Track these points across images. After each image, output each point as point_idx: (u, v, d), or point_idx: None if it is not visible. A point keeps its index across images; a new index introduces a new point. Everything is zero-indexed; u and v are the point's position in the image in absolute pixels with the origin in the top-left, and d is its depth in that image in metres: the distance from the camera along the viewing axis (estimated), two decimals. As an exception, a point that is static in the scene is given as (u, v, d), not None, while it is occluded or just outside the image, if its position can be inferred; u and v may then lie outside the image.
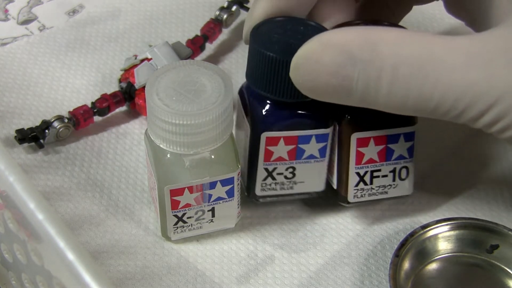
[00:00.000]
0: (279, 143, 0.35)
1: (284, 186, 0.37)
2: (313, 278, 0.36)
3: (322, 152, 0.36)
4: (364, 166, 0.37)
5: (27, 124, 0.42)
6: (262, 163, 0.36)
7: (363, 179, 0.37)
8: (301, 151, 0.36)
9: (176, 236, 0.37)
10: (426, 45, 0.29)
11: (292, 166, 0.36)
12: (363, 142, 0.36)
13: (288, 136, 0.35)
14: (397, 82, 0.29)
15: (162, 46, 0.43)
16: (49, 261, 0.28)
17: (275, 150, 0.36)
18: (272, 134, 0.35)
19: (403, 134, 0.36)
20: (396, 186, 0.38)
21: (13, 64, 0.46)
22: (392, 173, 0.37)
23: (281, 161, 0.36)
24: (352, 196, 0.37)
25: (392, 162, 0.37)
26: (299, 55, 0.31)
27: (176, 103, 0.33)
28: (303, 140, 0.36)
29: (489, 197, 0.40)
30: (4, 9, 0.50)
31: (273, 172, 0.37)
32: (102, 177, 0.40)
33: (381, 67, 0.29)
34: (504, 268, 0.36)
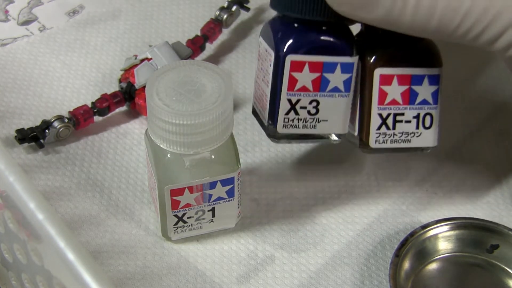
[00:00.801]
0: (303, 69, 0.35)
1: (307, 123, 0.36)
2: (313, 278, 0.36)
3: (347, 86, 0.35)
4: (386, 107, 0.36)
5: (27, 124, 0.42)
6: (286, 92, 0.35)
7: (386, 122, 0.36)
8: (325, 81, 0.35)
9: (176, 236, 0.37)
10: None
11: (315, 100, 0.35)
12: (386, 80, 0.35)
13: (313, 62, 0.35)
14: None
15: (162, 46, 0.43)
16: (49, 261, 0.28)
17: (299, 78, 0.35)
18: (298, 57, 0.34)
19: (427, 76, 0.36)
20: (420, 134, 0.37)
21: (13, 64, 0.46)
22: (416, 119, 0.36)
23: (305, 91, 0.35)
24: (373, 140, 0.36)
25: (416, 107, 0.36)
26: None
27: (176, 103, 0.33)
28: (328, 68, 0.35)
29: (489, 197, 0.40)
30: (4, 10, 0.50)
31: (296, 105, 0.35)
32: (102, 177, 0.40)
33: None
34: (504, 268, 0.36)
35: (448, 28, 0.30)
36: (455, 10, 0.30)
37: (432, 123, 0.37)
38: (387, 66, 0.35)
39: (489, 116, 0.44)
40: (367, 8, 0.31)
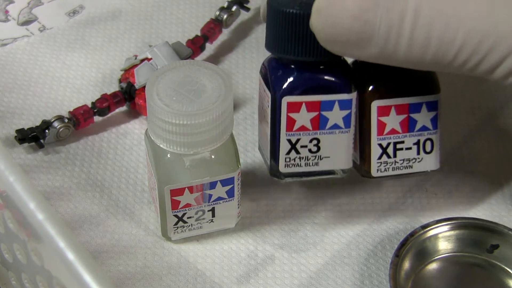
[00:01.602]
0: (301, 109, 0.35)
1: (309, 161, 0.36)
2: (313, 278, 0.36)
3: (347, 122, 0.35)
4: (386, 137, 0.36)
5: (27, 124, 0.42)
6: (285, 133, 0.35)
7: (386, 151, 0.36)
8: (324, 119, 0.35)
9: (176, 236, 0.37)
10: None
11: (316, 138, 0.35)
12: (384, 111, 0.35)
13: (310, 101, 0.35)
14: (419, 26, 0.29)
15: (162, 46, 0.43)
16: (49, 261, 0.28)
17: (297, 118, 0.35)
18: (293, 98, 0.34)
19: (425, 103, 0.36)
20: (422, 160, 0.37)
21: (13, 64, 0.46)
22: (416, 146, 0.36)
23: (304, 130, 0.35)
24: (375, 169, 0.36)
25: (416, 133, 0.36)
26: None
27: (176, 103, 0.33)
28: (326, 106, 0.35)
29: (489, 197, 0.40)
30: (4, 10, 0.50)
31: (297, 144, 0.35)
32: (102, 177, 0.40)
33: (403, 10, 0.29)
34: (504, 268, 0.36)
35: (444, 61, 0.30)
36: (450, 43, 0.29)
37: (433, 148, 0.37)
38: (384, 98, 0.35)
39: (489, 116, 0.44)
40: (360, 46, 0.31)
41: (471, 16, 0.29)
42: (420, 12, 0.29)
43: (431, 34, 0.29)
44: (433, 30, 0.29)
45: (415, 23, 0.29)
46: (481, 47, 0.29)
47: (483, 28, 0.29)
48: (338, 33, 0.31)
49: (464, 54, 0.29)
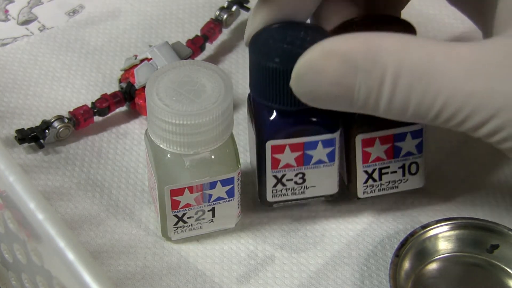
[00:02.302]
0: (285, 150, 0.35)
1: (296, 191, 0.37)
2: (313, 278, 0.36)
3: (331, 157, 0.36)
4: (371, 164, 0.36)
5: (27, 124, 0.42)
6: (270, 170, 0.36)
7: (372, 176, 0.37)
8: (308, 157, 0.36)
9: (176, 236, 0.37)
10: (427, 54, 0.29)
11: (301, 172, 0.36)
12: (368, 143, 0.36)
13: (293, 144, 0.35)
14: (398, 91, 0.30)
15: (162, 46, 0.43)
16: (49, 261, 0.28)
17: (281, 158, 0.35)
18: (277, 142, 0.35)
19: (410, 132, 0.36)
20: (407, 180, 0.37)
21: (13, 64, 0.46)
22: (402, 169, 0.37)
23: (289, 167, 0.36)
24: (361, 192, 0.37)
25: (401, 159, 0.37)
26: (301, 65, 0.31)
27: (176, 103, 0.33)
28: (309, 146, 0.35)
29: (489, 197, 0.40)
30: (4, 9, 0.50)
31: (283, 179, 0.36)
32: (102, 177, 0.40)
33: (382, 76, 0.29)
34: (504, 268, 0.36)
35: (423, 120, 0.30)
36: (428, 108, 0.30)
37: (418, 169, 0.37)
38: (368, 132, 0.35)
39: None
40: (341, 106, 0.31)
41: (448, 86, 0.29)
42: (398, 78, 0.29)
43: (410, 99, 0.30)
44: (411, 96, 0.29)
45: (393, 89, 0.30)
46: (458, 115, 0.29)
47: (459, 98, 0.29)
48: (318, 97, 0.31)
49: (442, 118, 0.30)
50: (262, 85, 0.34)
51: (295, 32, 0.34)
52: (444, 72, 0.29)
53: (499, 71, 0.29)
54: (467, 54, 0.29)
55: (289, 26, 0.34)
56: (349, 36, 0.31)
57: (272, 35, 0.34)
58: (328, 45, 0.30)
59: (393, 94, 0.30)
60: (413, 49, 0.29)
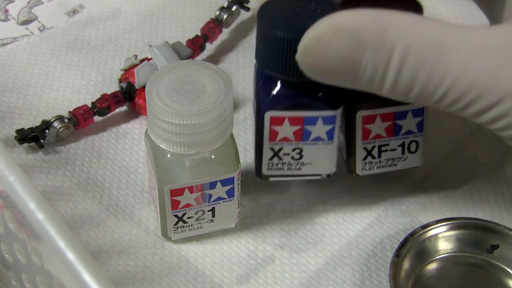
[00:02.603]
0: (283, 123, 0.35)
1: (292, 166, 0.36)
2: (313, 278, 0.36)
3: (330, 135, 0.35)
4: (371, 141, 0.36)
5: (27, 124, 0.42)
6: (268, 142, 0.35)
7: (371, 153, 0.37)
8: (307, 132, 0.35)
9: (176, 236, 0.37)
10: (437, 35, 0.29)
11: (298, 147, 0.36)
12: (369, 120, 0.36)
13: (293, 117, 0.35)
14: (405, 70, 0.29)
15: (162, 46, 0.43)
16: (49, 261, 0.28)
17: (280, 130, 0.35)
18: (276, 113, 0.35)
19: (411, 110, 0.36)
20: (406, 158, 0.37)
21: (13, 64, 0.46)
22: (401, 147, 0.37)
23: (287, 141, 0.35)
24: (360, 168, 0.37)
25: (401, 137, 0.36)
26: (309, 37, 0.31)
27: (176, 103, 0.33)
28: (309, 121, 0.35)
29: (489, 197, 0.40)
30: (4, 9, 0.50)
31: (279, 152, 0.36)
32: (102, 177, 0.40)
33: (390, 54, 0.29)
34: (504, 268, 0.36)
35: (426, 102, 0.30)
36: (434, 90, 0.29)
37: (418, 148, 0.37)
38: (369, 108, 0.35)
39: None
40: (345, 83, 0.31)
41: (457, 67, 0.29)
42: (406, 57, 0.29)
43: (416, 80, 0.29)
44: (417, 76, 0.29)
45: (400, 67, 0.29)
46: (464, 98, 0.29)
47: (467, 80, 0.29)
48: (324, 71, 0.31)
49: (447, 100, 0.30)
50: (267, 53, 0.33)
51: (306, 3, 0.34)
52: (453, 54, 0.29)
53: (508, 57, 0.28)
54: (477, 37, 0.29)
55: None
56: (359, 12, 0.30)
57: (282, 4, 0.34)
58: (338, 19, 0.30)
59: (399, 72, 0.29)
60: (423, 29, 0.29)
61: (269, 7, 0.34)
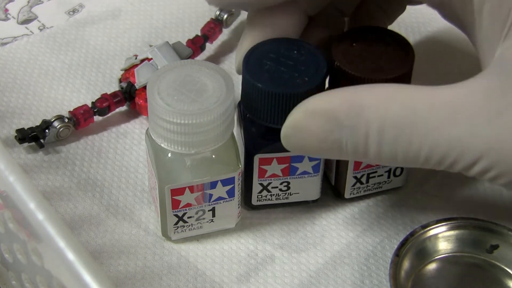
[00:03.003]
0: (272, 162, 0.36)
1: (280, 197, 0.38)
2: (313, 278, 0.36)
3: (316, 169, 0.37)
4: (361, 171, 0.37)
5: (27, 124, 0.42)
6: (257, 179, 0.37)
7: (360, 180, 0.38)
8: (294, 168, 0.36)
9: (176, 236, 0.37)
10: (408, 105, 0.30)
11: (286, 181, 0.37)
12: None
13: (280, 157, 0.36)
14: (384, 144, 0.30)
15: (163, 46, 0.43)
16: (49, 261, 0.28)
17: (268, 169, 0.36)
18: (265, 156, 0.36)
19: None
20: (391, 181, 0.39)
21: (13, 64, 0.46)
22: (388, 172, 0.38)
23: (275, 177, 0.37)
24: (348, 193, 0.38)
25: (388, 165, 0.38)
26: (287, 126, 0.32)
27: (177, 103, 0.33)
28: (295, 159, 0.36)
29: (489, 197, 0.40)
30: (4, 8, 0.50)
31: (268, 186, 0.37)
32: (102, 177, 0.40)
33: (367, 131, 0.30)
34: (504, 268, 0.36)
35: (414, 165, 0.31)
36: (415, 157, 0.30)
37: (402, 172, 0.38)
38: None
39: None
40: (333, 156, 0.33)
41: (432, 134, 0.30)
42: (383, 132, 0.30)
43: (397, 150, 0.30)
44: (397, 147, 0.30)
45: (380, 142, 0.30)
46: (446, 160, 0.30)
47: (443, 145, 0.30)
48: (308, 151, 0.33)
49: (431, 163, 0.30)
50: (252, 101, 0.34)
51: (288, 51, 0.35)
52: (426, 121, 0.30)
53: (480, 115, 0.29)
54: (448, 99, 0.30)
55: (283, 43, 0.35)
56: (330, 94, 0.32)
57: (265, 53, 0.35)
58: (311, 105, 0.32)
59: (380, 147, 0.31)
60: (395, 102, 0.30)
61: (253, 56, 0.35)
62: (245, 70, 0.34)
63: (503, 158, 0.29)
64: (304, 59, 0.34)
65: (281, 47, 0.35)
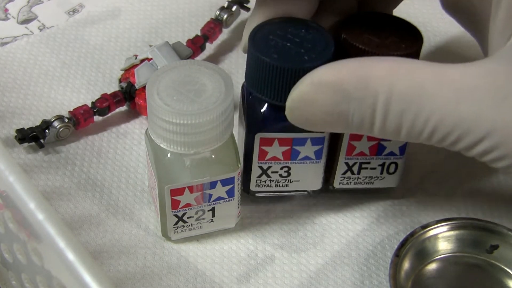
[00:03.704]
0: (273, 143, 0.35)
1: (279, 183, 0.37)
2: (313, 278, 0.36)
3: (318, 154, 0.36)
4: (353, 157, 0.37)
5: (27, 124, 0.42)
6: (257, 161, 0.36)
7: (351, 169, 0.37)
8: (296, 152, 0.36)
9: (176, 236, 0.37)
10: (417, 79, 0.30)
11: (287, 166, 0.36)
12: (355, 137, 0.36)
13: (282, 138, 0.35)
14: (390, 117, 0.30)
15: (162, 46, 0.43)
16: (49, 261, 0.28)
17: (269, 150, 0.36)
18: (267, 135, 0.35)
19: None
20: (383, 178, 0.38)
21: (13, 64, 0.46)
22: (381, 167, 0.38)
23: (276, 160, 0.36)
24: (338, 182, 0.38)
25: (383, 157, 0.37)
26: (293, 98, 0.32)
27: (177, 103, 0.33)
28: (298, 142, 0.36)
29: (489, 197, 0.40)
30: (4, 8, 0.50)
31: (268, 170, 0.37)
32: (102, 177, 0.40)
33: (374, 103, 0.30)
34: (504, 268, 0.36)
35: (417, 141, 0.31)
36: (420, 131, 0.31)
37: (397, 170, 0.38)
38: None
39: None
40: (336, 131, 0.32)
41: (439, 110, 0.30)
42: (390, 104, 0.30)
43: (402, 123, 0.30)
44: (403, 120, 0.30)
45: (386, 114, 0.30)
46: (450, 136, 0.30)
47: (450, 121, 0.30)
48: (313, 124, 0.32)
49: (434, 139, 0.31)
50: (257, 78, 0.34)
51: (296, 30, 0.34)
52: (434, 97, 0.30)
53: (487, 96, 0.29)
54: (456, 78, 0.30)
55: (291, 22, 0.35)
56: (339, 65, 0.31)
57: (273, 30, 0.34)
58: (319, 76, 0.31)
59: (385, 119, 0.31)
60: (403, 75, 0.30)
61: (260, 33, 0.34)
62: (251, 45, 0.34)
63: (507, 140, 0.29)
64: (312, 37, 0.34)
65: (289, 26, 0.34)
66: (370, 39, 0.34)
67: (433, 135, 0.30)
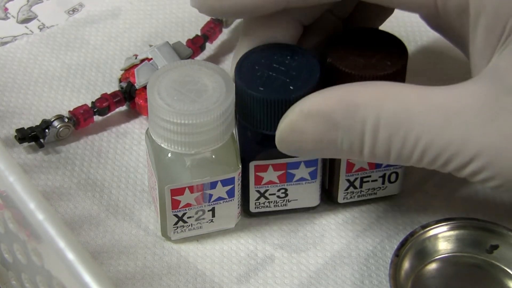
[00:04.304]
0: (268, 169, 0.36)
1: (278, 204, 0.38)
2: (313, 278, 0.36)
3: (313, 175, 0.37)
4: (354, 173, 0.37)
5: (27, 123, 0.42)
6: (254, 186, 0.37)
7: (353, 184, 0.38)
8: (291, 175, 0.36)
9: (176, 236, 0.37)
10: (403, 104, 0.30)
11: (283, 188, 0.37)
12: None
13: (276, 164, 0.36)
14: (379, 143, 0.31)
15: (163, 46, 0.43)
16: (49, 261, 0.28)
17: (264, 176, 0.36)
18: (260, 162, 0.36)
19: None
20: (386, 188, 0.38)
21: (13, 63, 0.46)
22: (382, 178, 0.38)
23: (272, 184, 0.37)
24: (341, 198, 0.38)
25: (383, 169, 0.37)
26: (282, 129, 0.32)
27: (177, 103, 0.33)
28: (292, 166, 0.36)
29: (489, 197, 0.40)
30: (3, 7, 0.50)
31: (265, 193, 0.37)
32: (102, 177, 0.40)
33: (362, 130, 0.31)
34: (504, 268, 0.36)
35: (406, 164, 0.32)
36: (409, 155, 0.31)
37: (398, 178, 0.38)
38: None
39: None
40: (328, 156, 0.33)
41: (426, 134, 0.30)
42: (378, 130, 0.31)
43: (391, 148, 0.31)
44: (392, 145, 0.31)
45: (374, 140, 0.31)
46: (439, 159, 0.31)
47: (438, 145, 0.30)
48: (304, 153, 0.33)
49: (424, 163, 0.31)
50: (245, 109, 0.34)
51: (282, 57, 0.35)
52: (421, 121, 0.30)
53: (473, 118, 0.30)
54: (442, 101, 0.30)
55: (277, 48, 0.35)
56: (325, 94, 0.32)
57: (258, 59, 0.35)
58: (306, 106, 0.32)
59: (374, 145, 0.31)
60: (390, 101, 0.31)
61: (246, 63, 0.35)
62: (237, 78, 0.34)
63: (495, 160, 0.30)
64: (297, 65, 0.34)
65: (274, 53, 0.35)
66: (355, 61, 0.35)
67: (423, 158, 0.31)
